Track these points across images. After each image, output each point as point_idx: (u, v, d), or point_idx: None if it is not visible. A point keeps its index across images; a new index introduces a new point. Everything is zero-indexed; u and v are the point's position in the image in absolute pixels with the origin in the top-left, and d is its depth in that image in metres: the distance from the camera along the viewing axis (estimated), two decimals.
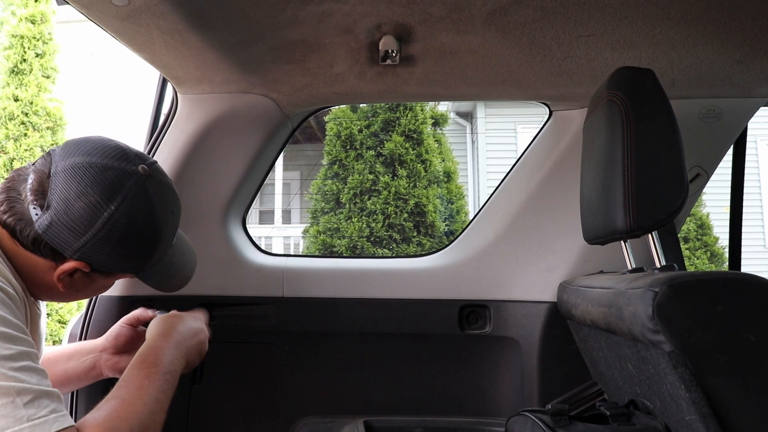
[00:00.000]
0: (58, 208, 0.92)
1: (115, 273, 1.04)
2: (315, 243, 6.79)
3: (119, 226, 0.95)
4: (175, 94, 1.52)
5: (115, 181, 0.95)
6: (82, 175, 0.93)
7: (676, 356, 0.88)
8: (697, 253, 6.96)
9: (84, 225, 0.93)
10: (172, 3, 1.10)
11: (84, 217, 0.93)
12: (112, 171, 0.96)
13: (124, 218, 0.95)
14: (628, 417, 1.10)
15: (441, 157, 7.12)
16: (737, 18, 1.17)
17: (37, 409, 0.79)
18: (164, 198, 1.03)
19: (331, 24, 1.20)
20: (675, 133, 1.04)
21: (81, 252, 0.94)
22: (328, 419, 1.59)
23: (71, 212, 0.92)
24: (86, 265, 0.97)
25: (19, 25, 6.40)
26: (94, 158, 0.95)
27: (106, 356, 1.26)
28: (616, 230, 1.07)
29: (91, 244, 0.94)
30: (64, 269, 0.96)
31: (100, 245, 0.95)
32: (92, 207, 0.93)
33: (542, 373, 1.54)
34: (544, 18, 1.18)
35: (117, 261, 0.99)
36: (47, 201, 0.92)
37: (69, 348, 1.30)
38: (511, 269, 1.61)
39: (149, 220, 0.99)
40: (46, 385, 0.83)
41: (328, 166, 7.03)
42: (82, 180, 0.93)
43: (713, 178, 1.55)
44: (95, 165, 0.95)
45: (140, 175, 0.99)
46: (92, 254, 0.95)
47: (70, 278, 0.99)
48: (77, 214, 0.92)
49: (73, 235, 0.93)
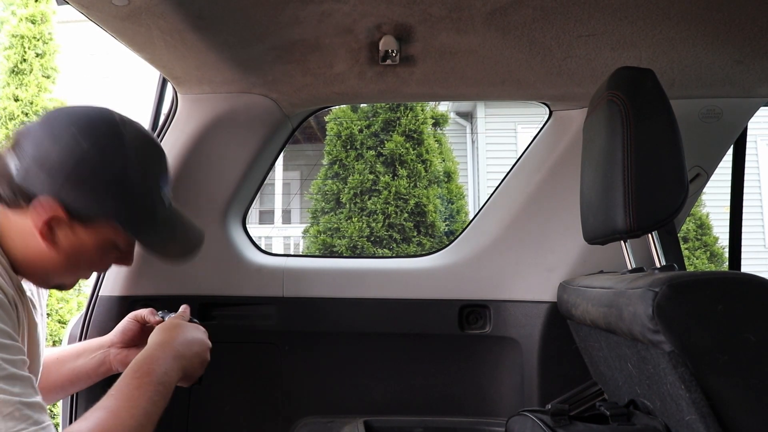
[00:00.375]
0: (33, 153, 0.93)
1: (94, 220, 0.98)
2: (315, 243, 6.79)
3: (89, 159, 0.94)
4: (175, 94, 1.52)
5: (90, 123, 0.97)
6: (55, 121, 0.96)
7: (676, 356, 0.88)
8: (696, 253, 6.96)
9: (54, 160, 0.92)
10: (172, 3, 1.10)
11: (54, 153, 0.93)
12: (86, 117, 0.97)
13: (94, 151, 0.95)
14: (628, 417, 1.10)
15: (441, 157, 7.12)
16: (737, 18, 1.17)
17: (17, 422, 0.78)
18: (139, 140, 1.02)
19: (331, 24, 1.20)
20: (675, 133, 1.04)
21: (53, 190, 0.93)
22: (328, 419, 1.59)
23: (43, 151, 0.93)
24: (61, 208, 0.93)
25: (19, 25, 6.39)
26: (69, 109, 0.99)
27: (116, 351, 1.25)
28: (616, 230, 1.07)
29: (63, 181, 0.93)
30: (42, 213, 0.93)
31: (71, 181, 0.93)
32: (62, 143, 0.93)
33: (542, 373, 1.54)
34: (544, 18, 1.18)
35: (89, 198, 0.95)
36: (23, 150, 0.93)
37: (77, 346, 1.29)
38: (511, 269, 1.61)
39: (120, 154, 0.97)
40: (30, 396, 0.82)
41: (328, 166, 7.03)
42: (56, 124, 0.95)
43: (713, 178, 1.55)
44: (70, 113, 0.97)
45: (116, 121, 0.99)
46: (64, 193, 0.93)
47: (51, 232, 0.96)
48: (48, 152, 0.93)
49: (44, 173, 0.92)
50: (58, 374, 1.24)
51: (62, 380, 1.24)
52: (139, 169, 1.00)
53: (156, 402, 0.97)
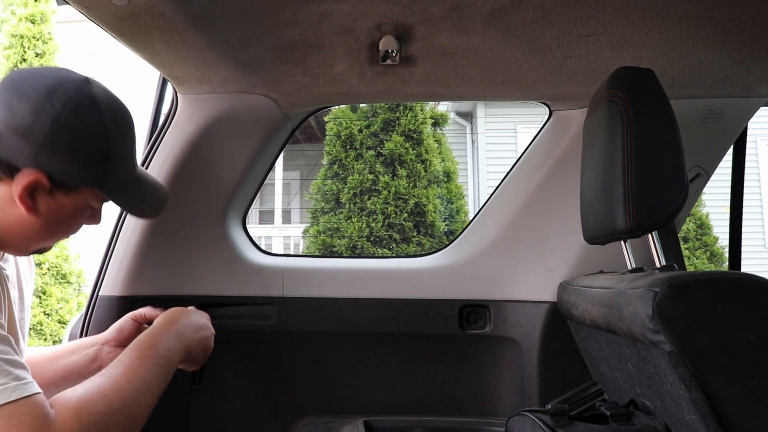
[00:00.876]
0: (4, 117, 0.90)
1: (77, 187, 0.98)
2: (315, 243, 6.79)
3: (66, 122, 0.92)
4: (175, 94, 1.52)
5: (57, 82, 0.94)
6: (22, 83, 0.93)
7: (676, 356, 0.88)
8: (696, 253, 6.96)
9: (29, 124, 0.90)
10: (172, 3, 1.10)
11: (28, 117, 0.90)
12: (51, 76, 0.95)
13: (71, 114, 0.93)
14: (628, 417, 1.10)
15: (441, 157, 7.12)
16: (737, 18, 1.17)
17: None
18: (111, 102, 1.00)
19: (331, 24, 1.20)
20: (675, 133, 1.04)
21: (33, 158, 0.91)
22: (328, 419, 1.59)
23: (15, 115, 0.90)
24: (43, 176, 0.92)
25: (19, 24, 6.40)
26: (33, 72, 0.96)
27: (108, 349, 1.25)
28: (616, 230, 1.07)
29: (42, 148, 0.91)
30: (24, 184, 0.92)
31: (51, 147, 0.92)
32: (35, 106, 0.91)
33: (542, 373, 1.54)
34: (544, 18, 1.18)
35: (71, 166, 0.94)
36: None
37: (71, 344, 1.29)
38: (511, 269, 1.61)
39: (97, 117, 0.96)
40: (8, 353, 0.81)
41: (328, 166, 7.04)
42: (23, 86, 0.93)
43: (713, 178, 1.55)
44: (35, 74, 0.95)
45: (82, 79, 0.98)
46: (46, 160, 0.92)
47: (33, 200, 0.94)
48: (21, 115, 0.90)
49: (21, 139, 0.90)
50: (52, 370, 1.24)
51: (55, 377, 1.24)
52: (116, 132, 0.99)
53: (156, 374, 0.97)
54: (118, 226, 1.50)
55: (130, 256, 1.50)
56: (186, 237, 1.56)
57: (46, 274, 6.00)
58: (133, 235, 1.49)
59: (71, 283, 6.15)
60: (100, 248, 1.54)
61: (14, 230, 0.97)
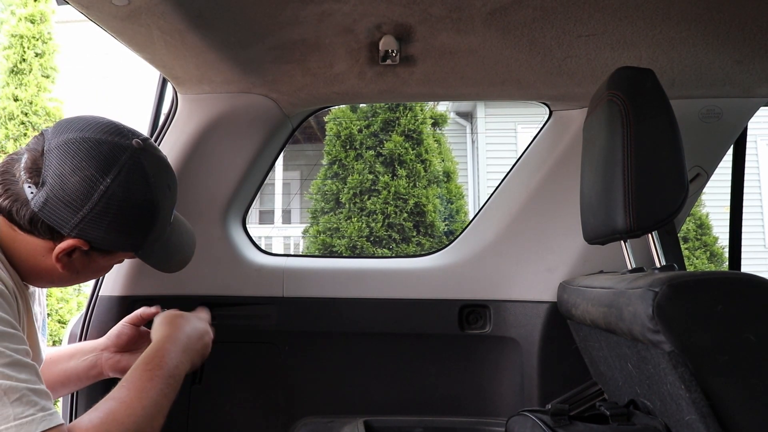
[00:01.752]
0: (53, 184, 0.91)
1: (114, 251, 1.02)
2: (315, 243, 6.79)
3: (116, 200, 0.94)
4: (175, 94, 1.52)
5: (110, 154, 0.94)
6: (76, 149, 0.92)
7: (676, 356, 0.88)
8: (696, 253, 6.96)
9: (80, 199, 0.91)
10: (172, 3, 1.10)
11: (80, 191, 0.91)
12: (106, 145, 0.95)
13: (121, 191, 0.94)
14: (628, 417, 1.10)
15: (441, 157, 7.12)
16: (737, 18, 1.17)
17: (25, 407, 0.78)
18: (160, 172, 1.02)
19: (331, 24, 1.20)
20: (675, 133, 1.05)
21: (79, 228, 0.93)
22: (328, 419, 1.59)
23: (67, 187, 0.91)
24: (85, 243, 0.95)
25: (18, 24, 6.40)
26: (87, 133, 0.95)
27: (107, 355, 1.26)
28: (616, 230, 1.07)
29: (88, 219, 0.93)
30: (63, 248, 0.94)
31: (97, 220, 0.93)
32: (88, 180, 0.92)
33: (542, 373, 1.54)
34: (544, 18, 1.18)
35: (115, 237, 0.97)
36: (42, 178, 0.91)
37: (70, 348, 1.30)
38: (511, 269, 1.61)
39: (146, 193, 0.98)
40: (35, 383, 0.82)
41: (327, 166, 7.03)
42: (77, 154, 0.92)
43: (713, 178, 1.55)
44: (89, 140, 0.94)
45: (135, 148, 0.97)
46: (90, 230, 0.94)
47: (69, 258, 0.97)
48: (73, 189, 0.91)
49: (69, 210, 0.91)
50: (50, 374, 1.24)
51: (53, 381, 1.24)
52: (158, 198, 1.01)
53: (167, 394, 0.98)
54: None
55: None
56: None
57: None
58: None
59: None
60: None
61: (42, 275, 1.00)
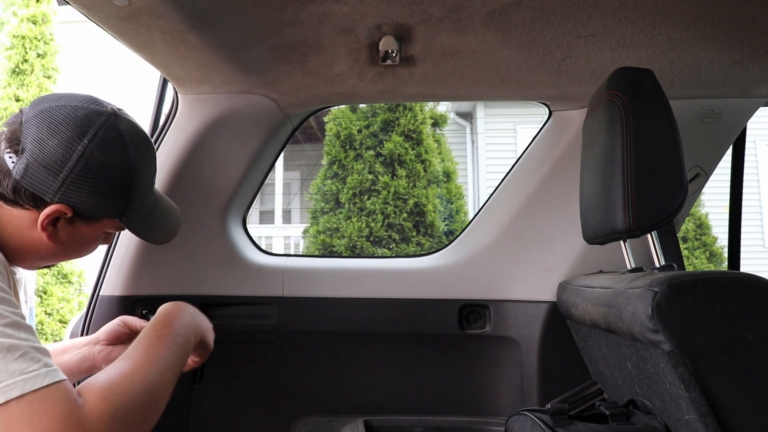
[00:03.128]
0: (32, 149, 0.93)
1: (98, 218, 1.02)
2: (315, 243, 6.79)
3: (94, 160, 0.95)
4: (175, 94, 1.52)
5: (86, 118, 0.97)
6: (52, 116, 0.95)
7: (675, 356, 0.88)
8: (696, 253, 6.96)
9: (59, 162, 0.93)
10: (173, 3, 1.10)
11: (59, 154, 0.93)
12: (82, 110, 0.97)
13: (99, 152, 0.96)
14: (627, 416, 1.11)
15: (441, 157, 7.12)
16: (736, 18, 1.17)
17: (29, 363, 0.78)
18: (136, 136, 1.03)
19: (331, 24, 1.20)
20: (674, 134, 1.05)
21: (61, 192, 0.94)
22: (328, 419, 1.60)
23: (46, 151, 0.93)
24: (68, 208, 0.96)
25: (20, 25, 6.40)
26: (63, 102, 0.98)
27: (100, 347, 1.26)
28: (616, 230, 1.07)
29: (69, 182, 0.94)
30: (47, 214, 0.95)
31: (78, 183, 0.95)
32: (66, 143, 0.94)
33: (542, 372, 1.54)
34: (544, 18, 1.18)
35: (97, 200, 0.98)
36: (21, 146, 0.93)
37: (64, 343, 1.30)
38: (511, 269, 1.62)
39: (123, 154, 0.99)
40: (36, 342, 0.83)
41: (327, 166, 7.03)
42: (53, 120, 0.95)
43: (712, 178, 1.55)
44: (65, 107, 0.97)
45: (110, 113, 1.00)
46: (72, 194, 0.95)
47: (54, 228, 0.98)
48: (51, 152, 0.93)
49: (50, 174, 0.93)
50: None
51: None
52: (136, 161, 1.02)
53: (175, 352, 0.99)
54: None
55: (130, 256, 1.50)
56: (186, 237, 1.56)
57: (47, 274, 6.00)
58: (133, 235, 1.49)
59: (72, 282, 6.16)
60: (100, 248, 1.54)
61: (29, 250, 1.00)
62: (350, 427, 1.53)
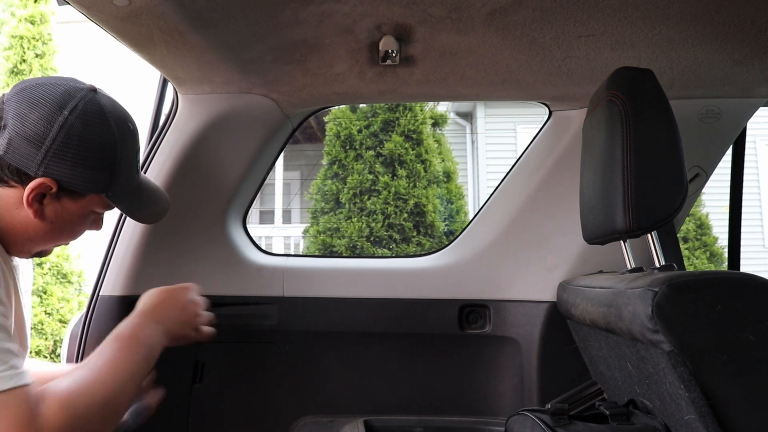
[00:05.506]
0: (14, 124, 0.94)
1: (84, 193, 1.02)
2: (315, 243, 6.79)
3: (75, 131, 0.96)
4: (175, 94, 1.52)
5: (66, 93, 0.98)
6: (32, 92, 0.97)
7: (675, 356, 0.88)
8: (696, 253, 6.96)
9: (41, 134, 0.94)
10: (173, 3, 1.10)
11: (40, 126, 0.94)
12: (61, 86, 0.99)
13: (79, 123, 0.97)
14: (627, 416, 1.11)
15: (441, 157, 7.12)
16: (736, 18, 1.17)
17: None
18: (116, 110, 1.04)
19: (331, 24, 1.20)
20: (674, 134, 1.05)
21: (44, 165, 0.95)
22: (328, 419, 1.60)
23: (27, 124, 0.94)
24: (52, 181, 0.96)
25: (18, 25, 6.39)
26: (42, 81, 1.00)
27: None
28: (616, 230, 1.07)
29: (51, 154, 0.95)
30: (32, 188, 0.95)
31: (60, 154, 0.95)
32: (47, 115, 0.95)
33: (542, 372, 1.54)
34: (544, 18, 1.18)
35: (81, 173, 0.98)
36: (3, 122, 0.95)
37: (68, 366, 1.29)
38: (511, 269, 1.62)
39: (104, 127, 1.00)
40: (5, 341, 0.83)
41: (327, 166, 7.03)
42: (33, 95, 0.97)
43: (712, 178, 1.55)
44: (44, 84, 0.99)
45: (89, 89, 1.02)
46: (55, 167, 0.96)
47: (41, 205, 0.98)
48: (33, 125, 0.94)
49: (32, 147, 0.94)
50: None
51: None
52: (118, 133, 1.02)
53: (138, 363, 0.99)
54: (119, 226, 1.50)
55: (130, 256, 1.50)
56: (186, 237, 1.56)
57: (47, 274, 6.00)
58: (133, 235, 1.49)
59: (72, 282, 6.16)
60: (100, 248, 1.54)
61: (18, 231, 1.01)
62: (350, 427, 1.53)
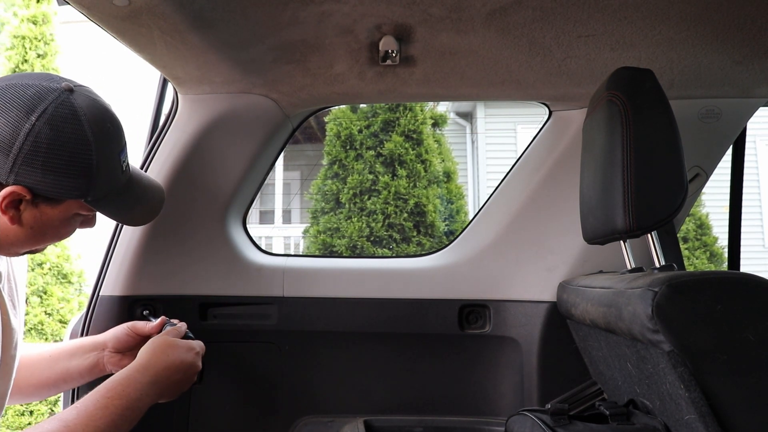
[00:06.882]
0: None
1: (61, 199, 0.98)
2: (315, 243, 6.79)
3: (43, 138, 0.92)
4: (175, 94, 1.52)
5: (35, 96, 0.93)
6: (2, 96, 0.92)
7: (675, 356, 0.88)
8: (696, 253, 6.95)
9: (8, 141, 0.90)
10: (173, 3, 1.10)
11: (6, 133, 0.90)
12: (32, 88, 0.94)
13: (48, 129, 0.92)
14: (627, 416, 1.11)
15: (441, 157, 7.12)
16: (736, 18, 1.17)
17: None
18: (94, 110, 0.98)
19: (331, 24, 1.20)
20: (674, 134, 1.05)
21: (15, 173, 0.91)
22: (328, 419, 1.60)
23: None
24: (25, 189, 0.93)
25: (20, 25, 6.39)
26: (14, 81, 0.95)
27: (109, 354, 1.26)
28: (616, 230, 1.07)
29: (20, 162, 0.91)
30: (4, 196, 0.93)
31: (29, 162, 0.91)
32: (13, 122, 0.91)
33: (542, 372, 1.54)
34: (544, 18, 1.18)
35: (54, 180, 0.94)
36: None
37: (70, 345, 1.29)
38: (511, 269, 1.62)
39: (77, 131, 0.95)
40: None
41: (328, 166, 7.03)
42: (2, 100, 0.92)
43: (712, 178, 1.55)
44: (15, 85, 0.94)
45: (63, 89, 0.96)
46: (26, 175, 0.92)
47: (18, 211, 0.95)
48: (1, 133, 0.90)
49: (2, 156, 0.91)
50: (51, 372, 1.24)
51: (54, 378, 1.24)
52: (99, 143, 0.98)
53: (118, 426, 0.96)
54: (119, 226, 1.50)
55: (130, 256, 1.50)
56: (186, 237, 1.56)
57: (47, 274, 6.00)
58: (133, 235, 1.49)
59: (72, 282, 6.15)
60: (100, 248, 1.54)
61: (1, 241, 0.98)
62: (350, 427, 1.53)
